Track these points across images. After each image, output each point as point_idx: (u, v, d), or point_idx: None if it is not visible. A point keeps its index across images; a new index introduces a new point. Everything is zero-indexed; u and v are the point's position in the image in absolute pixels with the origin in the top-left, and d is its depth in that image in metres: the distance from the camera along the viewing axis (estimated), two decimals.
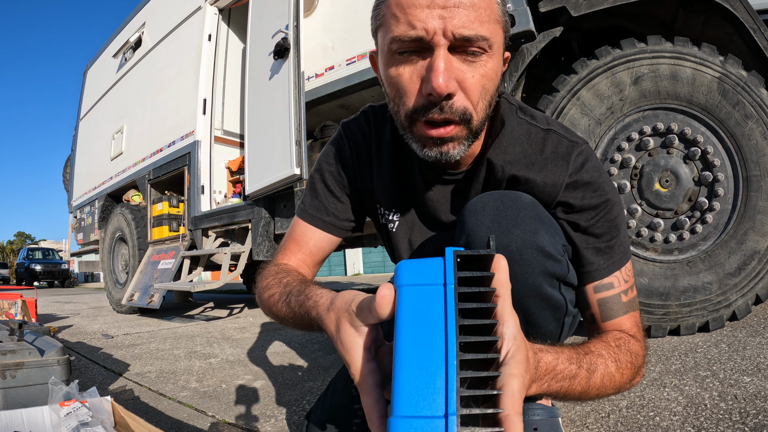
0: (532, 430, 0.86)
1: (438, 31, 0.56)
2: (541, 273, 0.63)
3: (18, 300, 2.66)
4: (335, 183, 0.84)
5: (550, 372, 0.54)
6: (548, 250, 0.63)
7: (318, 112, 2.72)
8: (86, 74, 5.70)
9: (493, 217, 0.63)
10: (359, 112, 0.85)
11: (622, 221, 0.70)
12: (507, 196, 0.65)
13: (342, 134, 0.85)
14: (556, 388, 0.55)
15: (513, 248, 0.62)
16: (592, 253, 0.69)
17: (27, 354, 1.17)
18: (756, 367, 1.19)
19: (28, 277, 17.85)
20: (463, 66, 0.59)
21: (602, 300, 0.70)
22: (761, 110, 1.56)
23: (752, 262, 1.56)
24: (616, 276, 0.69)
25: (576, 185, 0.67)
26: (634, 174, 1.69)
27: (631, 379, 0.65)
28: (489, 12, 0.58)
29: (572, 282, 0.69)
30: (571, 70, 1.73)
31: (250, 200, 2.92)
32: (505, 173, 0.71)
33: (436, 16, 0.56)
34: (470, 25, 0.56)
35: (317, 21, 2.57)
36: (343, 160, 0.83)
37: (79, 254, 6.10)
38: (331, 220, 0.83)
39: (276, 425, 1.17)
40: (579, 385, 0.58)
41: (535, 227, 0.63)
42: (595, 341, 0.65)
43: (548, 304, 0.66)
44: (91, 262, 30.07)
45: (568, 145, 0.69)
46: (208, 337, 2.66)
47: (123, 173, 4.46)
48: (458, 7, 0.56)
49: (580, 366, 0.58)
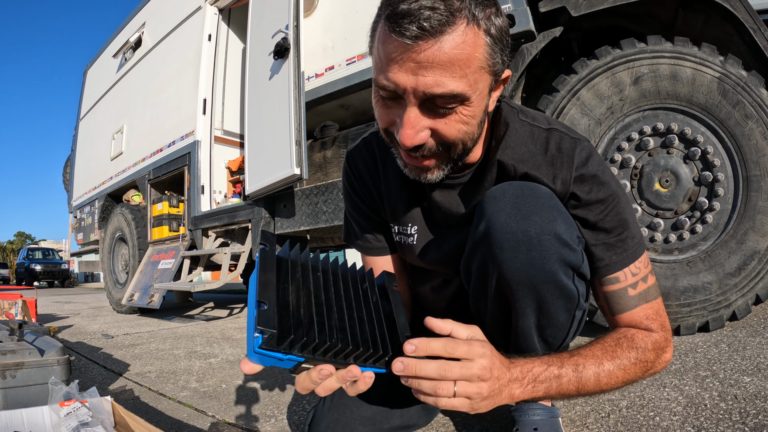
0: (532, 430, 0.86)
1: (409, 89, 0.57)
2: (557, 260, 0.64)
3: (18, 300, 2.66)
4: (358, 213, 0.90)
5: (527, 374, 0.60)
6: (565, 238, 0.64)
7: (318, 112, 2.72)
8: (86, 74, 5.70)
9: (513, 203, 0.64)
10: (360, 140, 0.89)
11: (630, 215, 0.70)
12: (526, 186, 0.66)
13: (346, 166, 0.90)
14: (543, 389, 0.60)
15: (532, 233, 0.63)
16: (602, 250, 0.69)
17: (27, 354, 1.17)
18: (756, 367, 1.19)
19: (28, 277, 17.85)
20: (436, 118, 0.60)
21: (608, 293, 0.71)
22: (761, 110, 1.56)
23: (752, 262, 1.56)
24: (623, 271, 0.69)
25: (583, 179, 0.68)
26: (634, 174, 1.69)
27: (644, 372, 0.67)
28: (470, 63, 0.56)
29: (585, 274, 0.69)
30: (571, 70, 1.73)
31: (250, 200, 2.92)
32: (518, 172, 0.72)
33: (409, 71, 0.56)
34: (443, 83, 0.55)
35: (317, 21, 2.57)
36: (354, 190, 0.89)
37: (79, 254, 6.10)
38: (377, 245, 0.90)
39: (276, 425, 1.17)
40: (570, 384, 0.61)
41: (553, 215, 0.64)
42: (592, 344, 0.67)
43: (562, 293, 0.67)
44: (91, 262, 30.08)
45: (570, 141, 0.70)
46: (208, 337, 2.66)
47: (123, 173, 4.46)
48: (432, 65, 0.54)
49: (562, 366, 0.62)
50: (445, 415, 1.12)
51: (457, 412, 1.13)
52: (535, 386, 0.60)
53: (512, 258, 0.64)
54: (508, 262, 0.64)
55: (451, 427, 1.06)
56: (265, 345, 0.47)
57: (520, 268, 0.64)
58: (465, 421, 1.08)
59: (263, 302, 0.47)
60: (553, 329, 0.71)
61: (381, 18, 0.58)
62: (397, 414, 0.84)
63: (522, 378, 0.60)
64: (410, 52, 0.54)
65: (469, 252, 0.73)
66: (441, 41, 0.54)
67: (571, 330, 0.74)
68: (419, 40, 0.53)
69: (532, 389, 0.60)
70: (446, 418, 1.10)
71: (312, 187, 2.66)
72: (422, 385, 0.54)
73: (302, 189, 2.71)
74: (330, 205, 2.56)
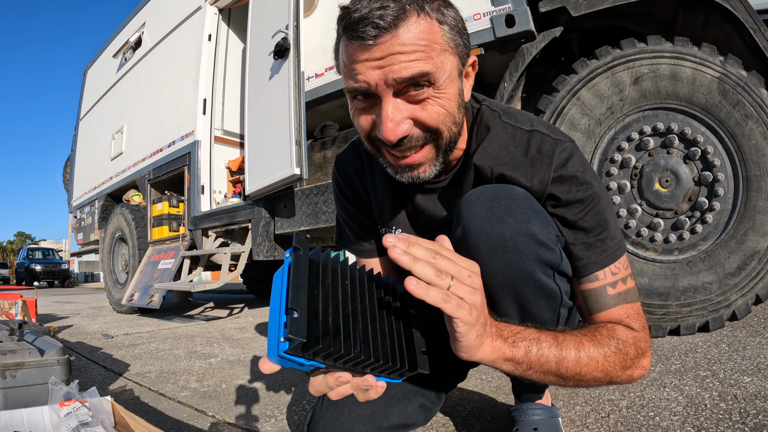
0: (532, 429, 0.86)
1: (379, 82, 0.59)
2: (534, 260, 0.64)
3: (18, 300, 2.66)
4: (350, 217, 0.92)
5: (506, 327, 0.59)
6: (541, 238, 0.64)
7: (318, 112, 2.72)
8: (86, 74, 5.70)
9: (487, 206, 0.65)
10: (348, 144, 0.91)
11: (610, 215, 0.70)
12: (501, 189, 0.67)
13: (335, 171, 0.92)
14: (524, 347, 0.59)
15: (506, 235, 0.63)
16: (581, 249, 0.69)
17: (27, 354, 1.17)
18: (756, 367, 1.19)
19: (28, 277, 17.85)
20: (413, 105, 0.62)
21: (586, 292, 0.70)
22: (761, 110, 1.56)
23: (752, 262, 1.56)
24: (602, 270, 0.69)
25: (561, 179, 0.68)
26: (634, 174, 1.69)
27: (624, 367, 0.65)
28: (431, 47, 0.59)
29: (566, 272, 0.69)
30: (571, 70, 1.73)
31: (250, 200, 2.92)
32: (494, 173, 0.72)
33: (375, 66, 0.59)
34: (408, 66, 0.58)
35: (317, 21, 2.57)
36: (344, 195, 0.91)
37: (79, 254, 6.10)
38: (368, 248, 0.92)
39: (276, 425, 1.17)
40: (551, 352, 0.60)
41: (528, 216, 0.64)
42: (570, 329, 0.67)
43: (542, 293, 0.67)
44: (91, 262, 30.07)
45: (551, 142, 0.70)
46: (208, 337, 2.66)
47: (123, 173, 4.46)
48: (394, 54, 0.58)
49: (541, 333, 0.61)
50: (445, 415, 1.12)
51: (457, 411, 1.13)
52: (515, 341, 0.59)
53: (489, 261, 0.64)
54: (486, 266, 0.63)
55: (451, 426, 1.06)
56: (291, 351, 0.47)
57: (497, 270, 0.64)
58: (465, 420, 1.08)
59: (295, 309, 0.47)
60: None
61: (339, 35, 0.62)
62: (396, 412, 0.84)
63: (503, 328, 0.59)
64: (372, 50, 0.58)
65: None
66: (398, 34, 0.57)
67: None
68: (378, 38, 0.57)
69: (513, 343, 0.59)
70: (446, 418, 1.10)
71: (312, 187, 2.66)
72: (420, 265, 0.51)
73: (302, 189, 2.71)
74: (330, 205, 2.56)
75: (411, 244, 0.53)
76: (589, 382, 0.65)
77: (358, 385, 0.53)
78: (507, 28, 1.83)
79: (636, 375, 0.67)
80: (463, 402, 1.21)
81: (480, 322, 0.55)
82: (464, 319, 0.53)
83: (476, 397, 1.24)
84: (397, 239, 0.52)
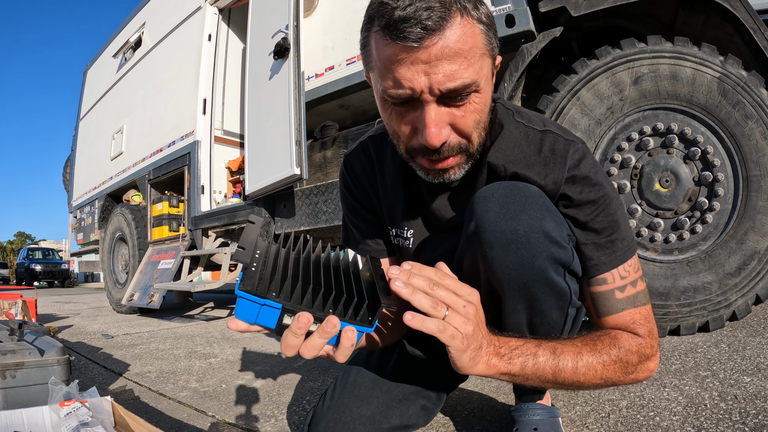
0: (532, 429, 0.86)
1: (425, 89, 0.58)
2: (547, 258, 0.64)
3: (18, 300, 2.66)
4: (357, 217, 0.91)
5: (504, 344, 0.62)
6: (554, 236, 0.64)
7: (318, 112, 2.72)
8: (86, 74, 5.70)
9: (501, 202, 0.65)
10: (357, 144, 0.90)
11: (621, 217, 0.70)
12: (515, 185, 0.67)
13: (343, 170, 0.91)
14: (519, 363, 0.61)
15: (521, 232, 0.63)
16: (592, 249, 0.69)
17: (27, 354, 1.17)
18: (756, 367, 1.19)
19: (28, 277, 17.85)
20: (454, 110, 0.61)
21: (595, 294, 0.71)
22: (761, 110, 1.56)
23: (752, 262, 1.56)
24: (612, 272, 0.69)
25: (574, 179, 0.68)
26: (634, 174, 1.69)
27: (625, 373, 0.66)
28: (473, 51, 0.58)
29: (576, 271, 0.69)
30: (571, 70, 1.73)
31: (250, 200, 2.92)
32: (507, 171, 0.72)
33: (420, 72, 0.57)
34: (455, 76, 0.57)
35: (317, 21, 2.57)
36: (353, 194, 0.90)
37: (79, 254, 6.10)
38: (375, 248, 0.91)
39: (276, 425, 1.17)
40: (547, 365, 0.62)
41: (542, 214, 0.64)
42: (572, 337, 0.68)
43: (553, 291, 0.67)
44: (91, 262, 30.08)
45: (564, 143, 0.70)
46: (208, 337, 2.66)
47: (123, 173, 4.46)
48: (441, 60, 0.56)
49: (539, 347, 0.63)
50: (445, 415, 1.12)
51: (457, 411, 1.13)
52: (511, 357, 0.61)
53: (502, 257, 0.64)
54: (498, 261, 0.64)
55: (451, 427, 1.06)
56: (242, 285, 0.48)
57: (509, 266, 0.64)
58: (465, 420, 1.08)
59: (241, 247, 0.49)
60: (546, 327, 0.71)
61: (373, 31, 0.60)
62: (397, 413, 0.84)
63: (500, 346, 0.61)
64: (417, 54, 0.56)
65: (460, 252, 0.73)
66: (444, 37, 0.55)
67: (565, 328, 0.73)
68: (424, 40, 0.55)
69: (509, 360, 0.61)
70: (446, 419, 1.10)
71: (312, 187, 2.66)
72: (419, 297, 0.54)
73: (302, 189, 2.71)
74: (330, 205, 2.56)
75: (412, 275, 0.55)
76: (590, 388, 0.67)
77: (324, 330, 0.52)
78: (507, 28, 1.83)
79: (641, 377, 0.68)
80: (463, 402, 1.21)
81: (473, 347, 0.57)
82: (457, 348, 0.56)
83: (476, 397, 1.24)
84: (400, 271, 0.55)
